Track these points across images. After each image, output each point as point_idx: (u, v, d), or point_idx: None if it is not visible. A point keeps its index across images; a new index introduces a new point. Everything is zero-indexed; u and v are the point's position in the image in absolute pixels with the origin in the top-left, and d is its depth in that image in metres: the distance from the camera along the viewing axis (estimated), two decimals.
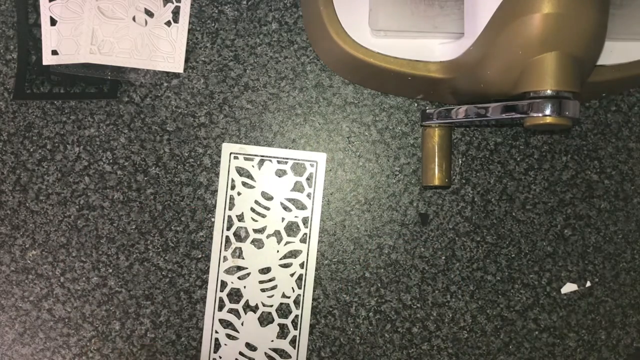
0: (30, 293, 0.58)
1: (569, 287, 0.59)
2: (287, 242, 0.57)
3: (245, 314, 0.57)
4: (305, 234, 0.57)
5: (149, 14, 0.58)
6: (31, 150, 0.58)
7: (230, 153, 0.57)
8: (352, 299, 0.58)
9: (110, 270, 0.58)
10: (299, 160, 0.58)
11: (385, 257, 0.58)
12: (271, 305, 0.57)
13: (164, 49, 0.58)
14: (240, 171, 0.57)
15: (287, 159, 0.57)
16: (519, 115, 0.47)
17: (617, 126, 0.59)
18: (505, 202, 0.59)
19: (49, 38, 0.57)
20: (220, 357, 0.57)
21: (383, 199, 0.58)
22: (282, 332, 0.58)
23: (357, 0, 0.52)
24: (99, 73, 0.57)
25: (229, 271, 0.57)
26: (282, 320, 0.57)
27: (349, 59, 0.53)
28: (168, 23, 0.58)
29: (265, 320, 0.58)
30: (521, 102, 0.46)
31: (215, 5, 0.58)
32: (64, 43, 0.57)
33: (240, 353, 0.57)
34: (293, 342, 0.57)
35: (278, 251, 0.57)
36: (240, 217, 0.58)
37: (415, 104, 0.58)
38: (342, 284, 0.58)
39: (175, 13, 0.58)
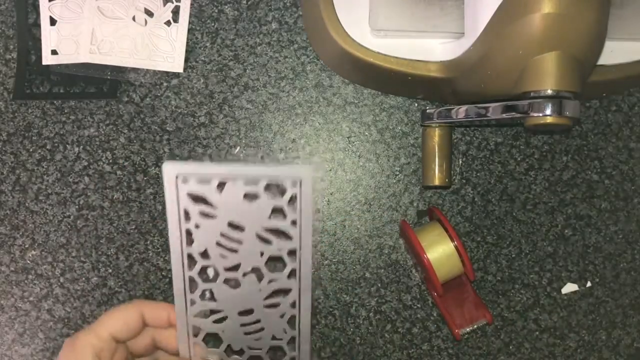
0: (30, 293, 0.58)
1: (569, 287, 0.59)
2: (271, 280, 0.45)
3: (229, 357, 0.47)
4: (294, 269, 0.44)
5: (149, 13, 0.58)
6: (31, 150, 0.58)
7: (177, 176, 0.41)
8: (352, 299, 0.58)
9: (110, 271, 0.58)
10: (275, 177, 0.41)
11: (386, 257, 0.58)
12: (260, 349, 0.47)
13: (163, 49, 0.58)
14: (195, 198, 0.42)
15: (258, 177, 0.41)
16: (519, 115, 0.47)
17: (617, 126, 0.59)
18: (506, 202, 0.59)
19: (49, 38, 0.57)
20: None
21: (383, 199, 0.58)
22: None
23: (357, 0, 0.52)
24: (98, 73, 0.57)
25: (200, 314, 0.46)
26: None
27: (349, 59, 0.53)
28: (168, 23, 0.58)
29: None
30: (521, 102, 0.46)
31: (215, 5, 0.58)
32: (63, 43, 0.57)
33: None
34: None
35: (260, 290, 0.45)
36: (204, 255, 0.44)
37: (415, 104, 0.58)
38: (342, 284, 0.58)
39: (175, 13, 0.58)
